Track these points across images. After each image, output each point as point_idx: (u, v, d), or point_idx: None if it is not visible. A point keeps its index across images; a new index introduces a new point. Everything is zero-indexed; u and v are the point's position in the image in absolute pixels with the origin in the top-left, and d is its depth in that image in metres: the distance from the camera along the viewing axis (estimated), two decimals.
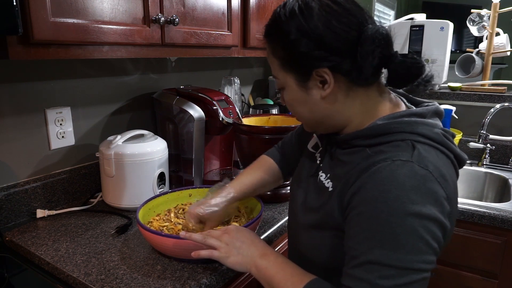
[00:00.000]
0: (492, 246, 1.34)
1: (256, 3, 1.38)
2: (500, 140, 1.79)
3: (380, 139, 0.63)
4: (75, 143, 1.24)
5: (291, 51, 0.65)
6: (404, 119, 0.64)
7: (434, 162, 0.59)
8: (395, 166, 0.57)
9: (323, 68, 0.63)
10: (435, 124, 0.65)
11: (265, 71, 2.17)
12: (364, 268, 0.56)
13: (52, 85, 1.15)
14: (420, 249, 0.55)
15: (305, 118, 0.73)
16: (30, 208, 1.12)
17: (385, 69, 0.65)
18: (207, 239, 0.77)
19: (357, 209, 0.59)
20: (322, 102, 0.67)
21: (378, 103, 0.68)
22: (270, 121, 1.42)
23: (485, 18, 1.93)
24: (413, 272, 0.55)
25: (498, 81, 1.94)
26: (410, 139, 0.61)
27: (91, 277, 0.83)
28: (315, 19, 0.62)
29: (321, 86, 0.66)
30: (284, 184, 1.24)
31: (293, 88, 0.69)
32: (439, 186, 0.57)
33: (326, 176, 0.71)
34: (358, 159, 0.64)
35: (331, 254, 0.67)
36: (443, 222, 0.57)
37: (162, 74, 1.51)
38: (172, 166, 1.29)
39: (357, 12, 0.63)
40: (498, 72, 4.51)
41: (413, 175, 0.56)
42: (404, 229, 0.55)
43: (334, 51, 0.62)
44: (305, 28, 0.63)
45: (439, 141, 0.62)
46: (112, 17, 0.89)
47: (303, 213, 0.74)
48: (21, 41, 0.74)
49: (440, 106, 0.69)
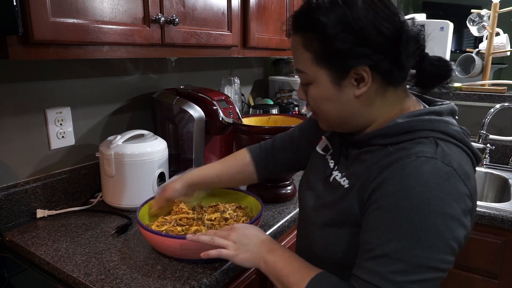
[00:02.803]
0: (492, 246, 1.34)
1: (256, 3, 1.38)
2: (500, 140, 1.79)
3: (402, 137, 0.62)
4: (75, 143, 1.23)
5: (330, 46, 0.61)
6: (425, 117, 0.63)
7: (457, 160, 0.59)
8: (419, 163, 0.57)
9: (364, 66, 0.61)
10: (452, 122, 0.65)
11: (265, 71, 2.17)
12: (378, 261, 0.56)
13: (52, 85, 1.15)
14: (439, 247, 0.55)
15: (330, 116, 0.69)
16: (30, 208, 1.12)
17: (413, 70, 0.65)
18: (215, 239, 0.76)
19: (378, 203, 0.59)
20: (354, 101, 0.65)
21: (404, 103, 0.67)
22: (270, 121, 1.42)
23: (485, 18, 1.93)
24: (427, 270, 0.54)
25: (498, 81, 1.94)
26: (432, 136, 0.61)
27: (91, 277, 0.83)
28: (359, 12, 0.59)
29: (356, 84, 0.63)
30: (284, 184, 1.24)
31: (324, 84, 0.65)
32: (463, 183, 0.57)
33: (341, 175, 0.70)
34: (379, 156, 0.63)
35: (347, 251, 0.66)
36: (464, 221, 0.57)
37: (162, 74, 1.51)
38: (172, 166, 1.29)
39: (397, 9, 0.62)
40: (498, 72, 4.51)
41: (437, 172, 0.56)
42: (425, 226, 0.54)
43: (377, 48, 0.60)
44: (348, 21, 0.59)
45: (460, 138, 0.62)
46: (112, 17, 0.89)
47: (316, 211, 0.73)
48: (21, 41, 0.74)
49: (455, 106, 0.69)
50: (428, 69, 0.64)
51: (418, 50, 0.62)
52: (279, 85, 2.08)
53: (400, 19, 0.61)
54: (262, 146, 0.98)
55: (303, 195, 0.81)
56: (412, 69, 0.65)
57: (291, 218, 1.14)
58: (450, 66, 0.64)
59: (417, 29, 0.62)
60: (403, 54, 0.60)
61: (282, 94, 2.06)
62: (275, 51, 1.60)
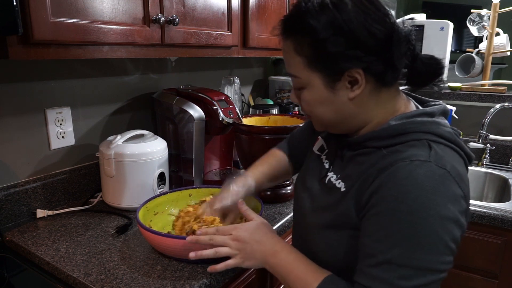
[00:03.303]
0: (492, 246, 1.34)
1: (256, 3, 1.38)
2: (500, 140, 1.79)
3: (395, 139, 0.62)
4: (75, 143, 1.23)
5: (321, 49, 0.61)
6: (417, 119, 0.63)
7: (450, 162, 0.59)
8: (413, 166, 0.57)
9: (357, 68, 0.61)
10: (444, 123, 0.65)
11: (265, 71, 2.17)
12: (382, 267, 0.56)
13: (52, 85, 1.15)
14: (439, 249, 0.55)
15: (326, 119, 0.69)
16: (30, 208, 1.12)
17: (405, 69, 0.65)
18: (219, 250, 0.76)
19: (376, 208, 0.59)
20: (349, 103, 0.65)
21: (396, 103, 0.68)
22: (270, 121, 1.42)
23: (485, 18, 1.93)
24: (431, 273, 0.55)
25: (498, 81, 1.94)
26: (425, 139, 0.61)
27: (91, 277, 0.83)
28: (350, 15, 0.59)
29: (350, 86, 0.63)
30: (284, 184, 1.24)
31: (318, 88, 0.65)
32: (457, 185, 0.58)
33: (336, 177, 0.70)
34: (373, 159, 0.63)
35: (347, 254, 0.66)
36: (461, 221, 0.57)
37: (162, 74, 1.51)
38: (172, 166, 1.29)
39: (387, 11, 0.62)
40: (498, 72, 4.50)
41: (432, 175, 0.56)
42: (424, 229, 0.55)
43: (369, 50, 0.60)
44: (338, 24, 0.59)
45: (452, 140, 0.63)
46: (112, 17, 0.89)
47: (313, 213, 0.73)
48: (21, 41, 0.74)
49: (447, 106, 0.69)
50: (420, 68, 0.64)
51: (409, 50, 0.62)
52: (279, 85, 2.08)
53: (391, 20, 0.62)
54: (287, 140, 1.02)
55: (299, 196, 0.81)
56: (404, 68, 0.64)
57: (291, 218, 1.14)
58: (442, 64, 0.65)
59: (408, 29, 0.62)
60: (395, 54, 0.60)
61: (282, 94, 2.06)
62: (275, 51, 1.60)
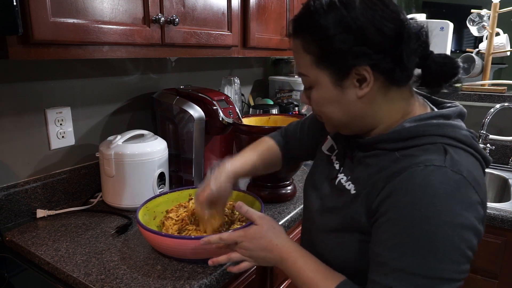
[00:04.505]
0: (492, 246, 1.34)
1: (256, 3, 1.38)
2: (500, 140, 1.79)
3: (409, 142, 0.61)
4: (75, 143, 1.23)
5: (329, 47, 0.61)
6: (433, 122, 0.61)
7: (466, 166, 0.57)
8: (428, 172, 0.55)
9: (365, 66, 0.60)
10: (461, 126, 0.63)
11: (265, 71, 2.17)
12: (394, 276, 0.55)
13: (52, 85, 1.15)
14: (454, 258, 0.53)
15: (335, 119, 0.68)
16: (30, 208, 1.12)
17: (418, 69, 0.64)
18: (231, 255, 0.76)
19: (388, 215, 0.57)
20: (357, 102, 0.64)
21: (410, 104, 0.66)
22: (270, 121, 1.42)
23: (485, 18, 1.93)
24: (445, 282, 0.53)
25: (498, 81, 1.94)
26: (440, 142, 0.59)
27: (91, 277, 0.83)
28: (357, 12, 0.59)
29: (358, 85, 0.62)
30: (284, 183, 1.24)
31: (326, 87, 0.64)
32: (474, 191, 0.55)
33: (346, 179, 0.69)
34: (385, 162, 0.62)
35: (357, 257, 0.65)
36: (478, 228, 0.55)
37: (162, 74, 1.51)
38: (172, 166, 1.29)
39: (398, 8, 0.61)
40: (498, 72, 4.51)
41: (447, 181, 0.54)
42: (439, 237, 0.53)
43: (377, 48, 0.59)
44: (346, 21, 0.59)
45: (469, 143, 0.60)
46: (112, 17, 0.89)
47: (321, 215, 0.72)
48: (21, 41, 0.74)
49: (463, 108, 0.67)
50: (433, 67, 0.62)
51: (420, 47, 0.61)
52: (279, 85, 2.08)
53: (401, 17, 0.60)
54: (280, 132, 1.00)
55: (308, 196, 0.80)
56: (417, 68, 0.63)
57: (291, 218, 1.14)
58: (457, 63, 0.62)
59: (419, 26, 0.61)
60: (404, 52, 0.59)
61: (282, 94, 2.06)
62: (275, 51, 1.60)
